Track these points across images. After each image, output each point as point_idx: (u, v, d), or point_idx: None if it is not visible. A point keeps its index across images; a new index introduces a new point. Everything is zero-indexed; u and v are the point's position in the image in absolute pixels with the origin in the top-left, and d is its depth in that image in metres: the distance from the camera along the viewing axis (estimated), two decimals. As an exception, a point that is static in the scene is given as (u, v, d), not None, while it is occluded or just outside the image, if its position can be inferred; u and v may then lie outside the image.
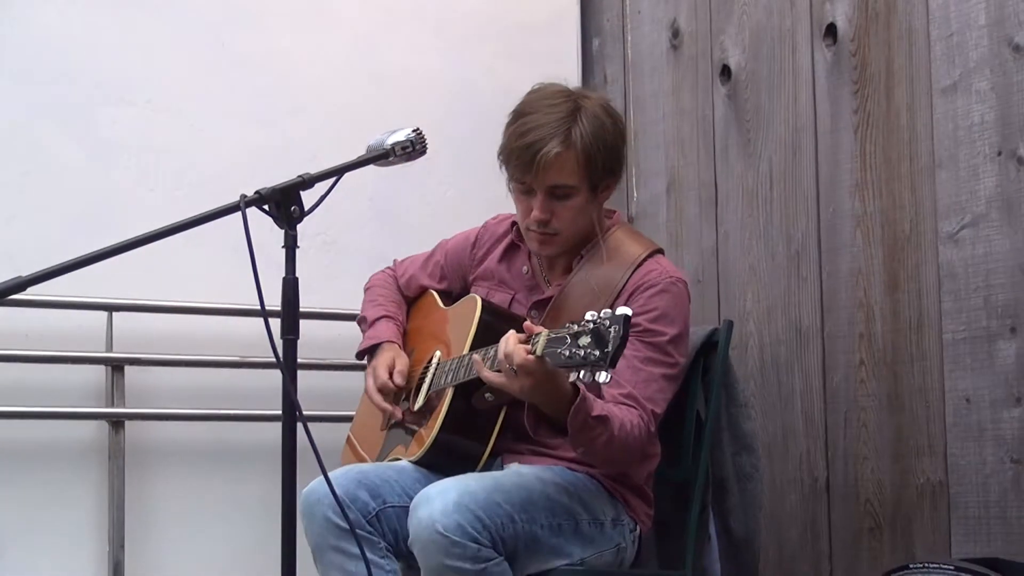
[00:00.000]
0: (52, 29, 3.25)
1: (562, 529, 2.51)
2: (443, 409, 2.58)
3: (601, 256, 2.69)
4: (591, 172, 2.60)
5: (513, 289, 2.77)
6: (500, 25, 3.83)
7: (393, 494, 2.55)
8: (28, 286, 1.96)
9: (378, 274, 3.05)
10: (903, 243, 3.06)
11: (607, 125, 2.62)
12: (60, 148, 3.24)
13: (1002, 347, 2.85)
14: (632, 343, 2.52)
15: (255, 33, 3.51)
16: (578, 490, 2.56)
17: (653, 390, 2.54)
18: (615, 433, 2.41)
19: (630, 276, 2.64)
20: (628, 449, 2.47)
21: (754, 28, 3.45)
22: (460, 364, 2.58)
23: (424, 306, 2.95)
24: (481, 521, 2.33)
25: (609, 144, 2.61)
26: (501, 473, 2.52)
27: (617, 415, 2.44)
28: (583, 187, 2.61)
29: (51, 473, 3.17)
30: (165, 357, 3.29)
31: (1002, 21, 2.87)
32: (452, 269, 2.93)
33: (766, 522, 3.20)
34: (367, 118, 3.42)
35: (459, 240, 2.94)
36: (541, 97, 2.64)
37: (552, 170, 2.56)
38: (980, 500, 2.88)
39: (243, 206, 2.08)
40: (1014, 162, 2.84)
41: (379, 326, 2.87)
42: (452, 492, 2.34)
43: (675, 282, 2.64)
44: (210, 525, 3.32)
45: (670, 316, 2.60)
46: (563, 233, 2.64)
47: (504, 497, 2.41)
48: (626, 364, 2.51)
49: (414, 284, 2.98)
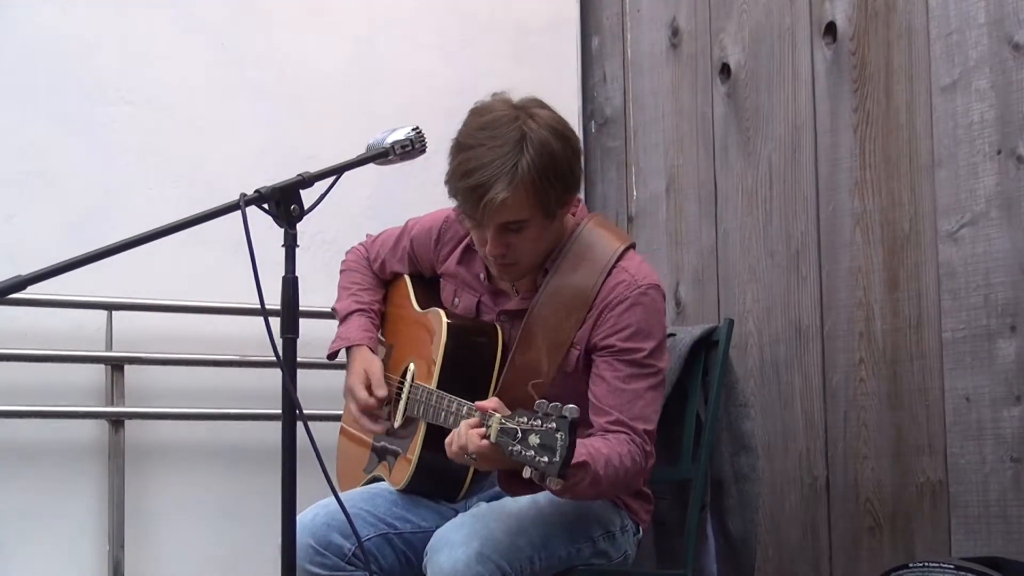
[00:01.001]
0: (52, 29, 3.26)
1: (580, 553, 2.51)
2: (419, 441, 2.54)
3: (570, 262, 2.56)
4: (543, 202, 2.43)
5: (478, 292, 2.68)
6: (500, 25, 3.83)
7: (366, 525, 2.52)
8: (28, 285, 1.95)
9: (352, 254, 2.93)
10: (903, 242, 3.06)
11: (556, 151, 2.42)
12: (60, 148, 3.24)
13: (1002, 346, 2.85)
14: (610, 364, 2.48)
15: (255, 33, 3.51)
16: (591, 507, 2.54)
17: (640, 407, 2.47)
18: (601, 472, 2.33)
19: (601, 285, 2.52)
20: (620, 481, 2.41)
21: (753, 27, 3.45)
22: (429, 404, 2.51)
23: (398, 295, 2.85)
24: (502, 569, 2.33)
25: (561, 170, 2.44)
26: (519, 507, 2.47)
27: (602, 452, 2.36)
28: (536, 217, 2.45)
29: (51, 473, 3.17)
30: (165, 356, 3.29)
31: (1002, 20, 2.87)
32: (419, 258, 2.82)
33: (766, 522, 3.21)
34: (367, 118, 3.42)
35: (422, 231, 2.80)
36: (484, 125, 2.46)
37: (501, 211, 2.40)
38: (980, 499, 2.88)
39: (243, 205, 2.07)
40: (1014, 160, 2.84)
41: (350, 323, 2.77)
42: (475, 541, 2.32)
43: (644, 291, 2.51)
44: (210, 525, 3.32)
45: (645, 330, 2.50)
46: (523, 262, 2.52)
47: (526, 540, 2.39)
48: (607, 388, 2.47)
49: (387, 269, 2.88)
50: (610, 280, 2.53)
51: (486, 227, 2.45)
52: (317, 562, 2.47)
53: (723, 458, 2.92)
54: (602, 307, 2.51)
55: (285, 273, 2.09)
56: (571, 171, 2.48)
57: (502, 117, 2.45)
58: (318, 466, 2.10)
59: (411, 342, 2.74)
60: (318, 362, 3.34)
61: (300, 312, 2.10)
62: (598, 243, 2.58)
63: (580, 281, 2.54)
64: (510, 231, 2.45)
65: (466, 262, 2.71)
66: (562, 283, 2.55)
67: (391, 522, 2.56)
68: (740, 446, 2.93)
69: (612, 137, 3.88)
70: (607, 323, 2.49)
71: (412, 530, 2.54)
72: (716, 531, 2.91)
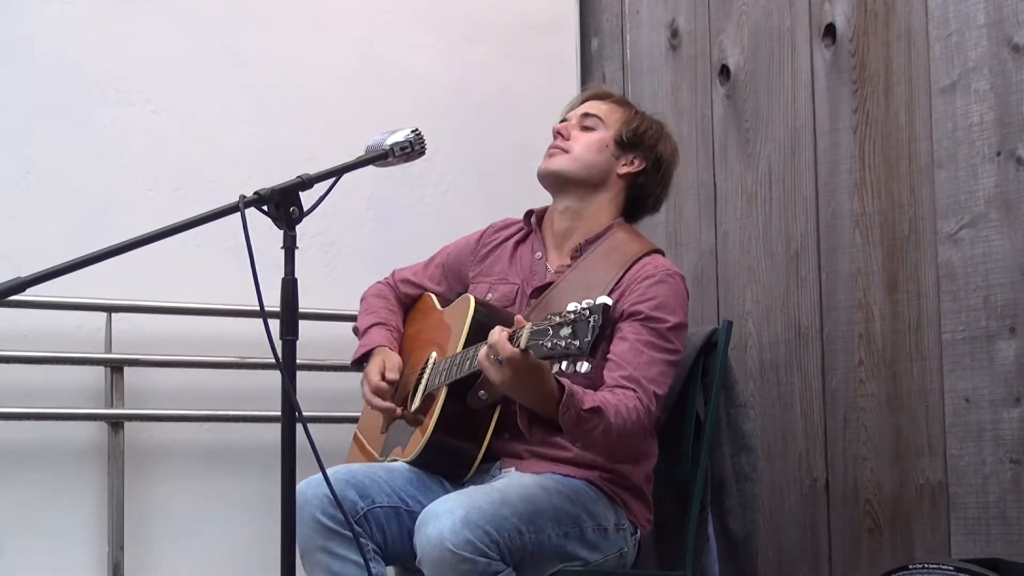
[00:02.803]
0: (52, 29, 3.26)
1: (568, 536, 2.51)
2: (437, 409, 2.58)
3: (599, 254, 2.72)
4: (624, 121, 2.80)
5: (517, 281, 2.79)
6: (500, 25, 3.83)
7: (382, 494, 2.56)
8: (28, 286, 1.96)
9: (373, 286, 3.05)
10: (902, 243, 3.06)
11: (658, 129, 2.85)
12: (60, 148, 3.24)
13: (1001, 347, 2.85)
14: (634, 327, 2.58)
15: (255, 33, 3.51)
16: (580, 498, 2.56)
17: (655, 372, 2.55)
18: (612, 421, 2.41)
19: (625, 273, 2.67)
20: (628, 435, 2.46)
21: (753, 28, 3.45)
22: (453, 363, 2.58)
23: (422, 309, 2.95)
24: (490, 535, 2.34)
25: (654, 132, 2.83)
26: (504, 485, 2.51)
27: (612, 402, 2.43)
28: (610, 127, 2.79)
29: (50, 474, 3.17)
30: (164, 358, 3.29)
31: (1001, 21, 2.87)
32: (453, 271, 2.94)
33: (766, 523, 3.21)
34: (367, 118, 3.42)
35: (462, 240, 2.98)
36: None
37: (592, 99, 2.85)
38: (979, 500, 2.88)
39: (242, 207, 2.08)
40: (1013, 162, 2.84)
41: (371, 333, 2.88)
42: (459, 509, 2.34)
43: (672, 275, 2.67)
44: (210, 526, 3.32)
45: (670, 305, 2.62)
46: (573, 152, 2.78)
47: (511, 510, 2.41)
48: (628, 346, 2.55)
49: (412, 284, 2.98)
50: (636, 265, 2.69)
51: (572, 116, 2.82)
52: (330, 514, 2.48)
53: (723, 459, 2.92)
54: (631, 281, 2.65)
55: (284, 275, 2.09)
56: (657, 141, 2.84)
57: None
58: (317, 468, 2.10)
59: (432, 341, 2.79)
60: (318, 364, 3.36)
61: (299, 314, 2.10)
62: (627, 243, 2.76)
63: (606, 268, 2.70)
64: (584, 128, 2.80)
65: (522, 249, 2.86)
66: (591, 267, 2.72)
67: (404, 498, 2.58)
68: (740, 446, 2.93)
69: (612, 138, 3.87)
70: (635, 292, 2.62)
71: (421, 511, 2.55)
72: (716, 532, 2.91)
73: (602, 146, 2.78)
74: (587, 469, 2.61)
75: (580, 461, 2.60)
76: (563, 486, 2.56)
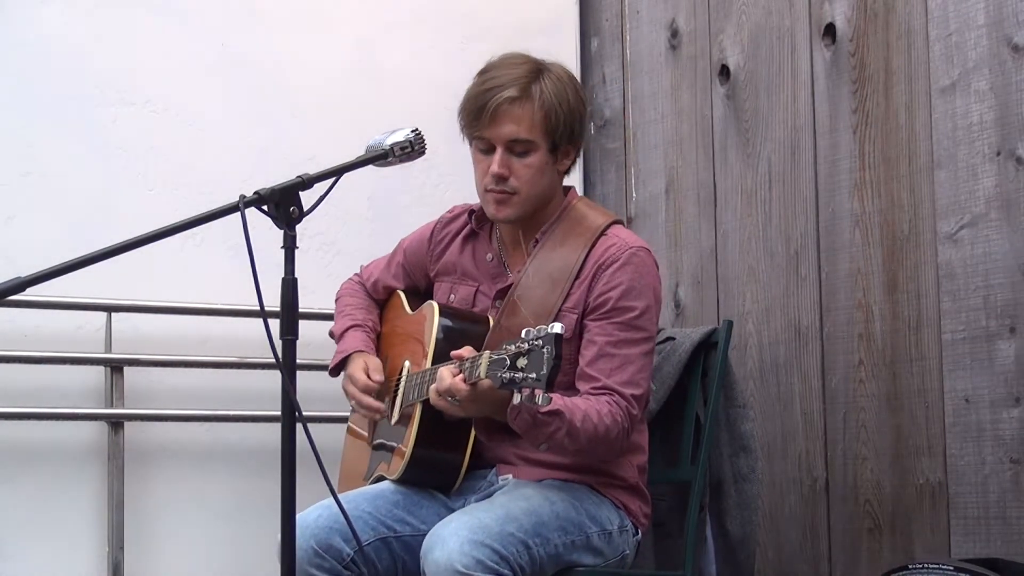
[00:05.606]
0: (53, 29, 3.26)
1: (575, 545, 2.51)
2: (415, 425, 2.56)
3: (558, 237, 2.64)
4: (550, 129, 2.56)
5: (477, 280, 2.73)
6: (500, 25, 3.83)
7: (367, 529, 2.52)
8: (28, 286, 1.96)
9: (345, 283, 3.01)
10: (902, 243, 3.06)
11: (569, 88, 2.59)
12: (60, 148, 3.24)
13: (1001, 347, 2.85)
14: (602, 327, 2.53)
15: (255, 34, 3.51)
16: (583, 503, 2.55)
17: (631, 373, 2.52)
18: (578, 425, 2.38)
19: (586, 255, 2.60)
20: (599, 439, 2.44)
21: (753, 28, 3.45)
22: (423, 380, 2.55)
23: (393, 308, 2.91)
24: (498, 553, 2.33)
25: (571, 106, 2.58)
26: (507, 499, 2.50)
27: (580, 407, 2.41)
28: (542, 144, 2.57)
29: (50, 474, 3.17)
30: (164, 358, 3.29)
31: (1001, 21, 2.88)
32: (413, 267, 2.89)
33: (765, 523, 3.21)
34: (367, 118, 3.40)
35: (415, 237, 2.90)
36: (505, 58, 2.64)
37: (509, 119, 2.54)
38: (979, 500, 2.88)
39: (242, 207, 2.08)
40: (1013, 162, 2.84)
41: (347, 338, 2.82)
42: (464, 530, 2.33)
43: (636, 252, 2.58)
44: (209, 526, 3.32)
45: (637, 289, 2.55)
46: (521, 192, 2.59)
47: (516, 526, 2.40)
48: (597, 353, 2.52)
49: (380, 287, 2.94)
50: (598, 247, 2.60)
51: (495, 144, 2.56)
52: (316, 564, 2.47)
53: (722, 459, 2.93)
54: (595, 268, 2.58)
55: (284, 275, 2.09)
56: (580, 118, 2.61)
57: (523, 57, 2.63)
58: (317, 468, 2.10)
59: (406, 346, 2.76)
60: (317, 364, 3.35)
61: (299, 314, 2.11)
62: (585, 219, 2.67)
63: (566, 254, 2.61)
64: (515, 154, 2.57)
65: (470, 248, 2.77)
66: (550, 255, 2.63)
67: (391, 524, 2.56)
68: (739, 447, 2.93)
69: (611, 138, 3.88)
70: (601, 280, 2.56)
71: (411, 533, 2.54)
72: (715, 532, 2.91)
73: (543, 167, 2.60)
74: (583, 473, 2.59)
75: (574, 465, 2.58)
76: (565, 491, 2.55)
